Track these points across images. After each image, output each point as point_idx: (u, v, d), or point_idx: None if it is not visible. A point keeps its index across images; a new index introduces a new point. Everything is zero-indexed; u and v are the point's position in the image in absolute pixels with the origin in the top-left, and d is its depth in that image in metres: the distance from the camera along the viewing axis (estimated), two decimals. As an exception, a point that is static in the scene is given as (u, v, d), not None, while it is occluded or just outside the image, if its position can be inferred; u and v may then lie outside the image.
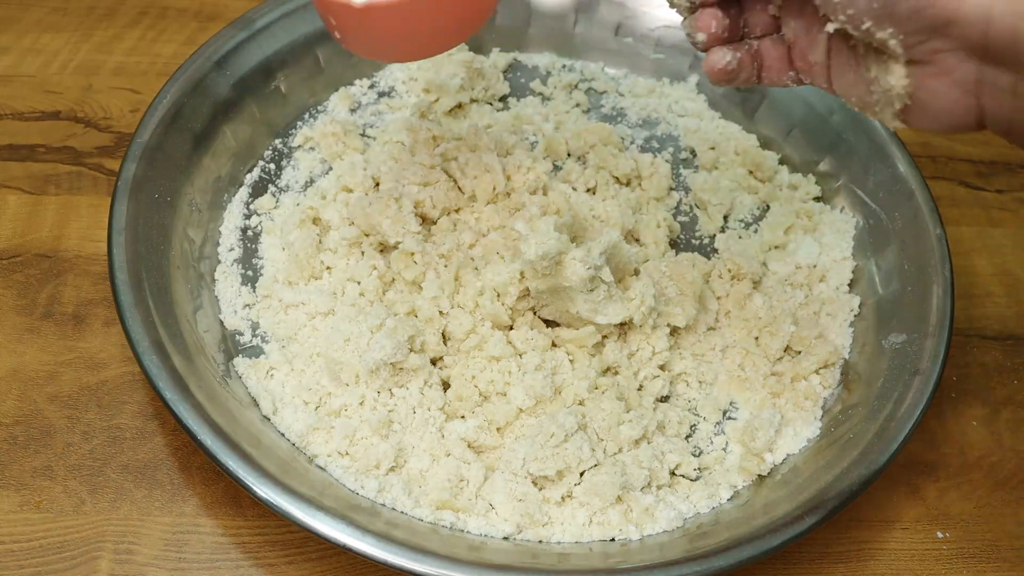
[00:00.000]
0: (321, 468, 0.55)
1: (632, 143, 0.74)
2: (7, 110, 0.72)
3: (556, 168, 0.71)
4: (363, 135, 0.72)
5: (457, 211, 0.65)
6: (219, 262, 0.64)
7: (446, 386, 0.59)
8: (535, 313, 0.61)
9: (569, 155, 0.72)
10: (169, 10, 0.80)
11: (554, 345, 0.60)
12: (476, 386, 0.58)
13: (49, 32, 0.77)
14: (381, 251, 0.63)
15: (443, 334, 0.60)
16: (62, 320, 0.62)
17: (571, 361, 0.60)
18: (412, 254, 0.61)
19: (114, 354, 0.61)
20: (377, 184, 0.66)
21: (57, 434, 0.57)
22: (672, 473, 0.57)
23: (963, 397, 0.65)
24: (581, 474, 0.55)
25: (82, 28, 0.78)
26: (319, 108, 0.73)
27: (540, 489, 0.55)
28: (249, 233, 0.66)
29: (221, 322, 0.61)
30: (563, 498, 0.55)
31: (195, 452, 0.57)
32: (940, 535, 0.59)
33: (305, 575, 0.54)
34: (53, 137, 0.71)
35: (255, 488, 0.50)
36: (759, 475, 0.58)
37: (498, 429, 0.57)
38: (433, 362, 0.59)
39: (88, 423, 0.58)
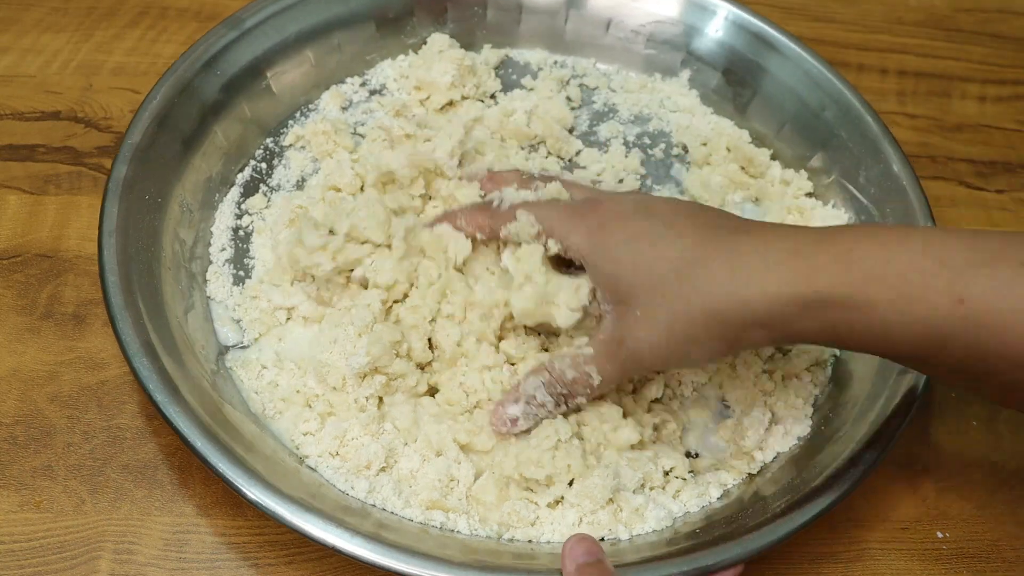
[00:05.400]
0: (312, 469, 0.55)
1: (623, 141, 0.74)
2: (7, 110, 0.72)
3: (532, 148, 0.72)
4: (354, 133, 0.71)
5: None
6: (211, 262, 0.64)
7: (435, 391, 0.59)
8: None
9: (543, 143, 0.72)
10: (169, 10, 0.80)
11: (545, 349, 0.60)
12: (465, 392, 0.58)
13: (49, 32, 0.77)
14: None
15: (429, 341, 0.59)
16: (62, 320, 0.62)
17: None
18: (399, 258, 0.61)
19: (114, 354, 0.61)
20: (364, 185, 0.66)
21: (57, 434, 0.57)
22: (665, 474, 0.57)
23: (963, 397, 0.65)
24: (571, 483, 0.55)
25: (82, 28, 0.78)
26: (310, 107, 0.73)
27: (530, 491, 0.55)
28: (240, 233, 0.66)
29: (212, 322, 0.61)
30: (553, 503, 0.55)
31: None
32: (940, 535, 0.59)
33: (304, 575, 0.54)
34: (53, 137, 0.71)
35: (244, 490, 0.50)
36: (749, 474, 0.58)
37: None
38: (422, 367, 0.59)
39: (88, 423, 0.58)
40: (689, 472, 0.58)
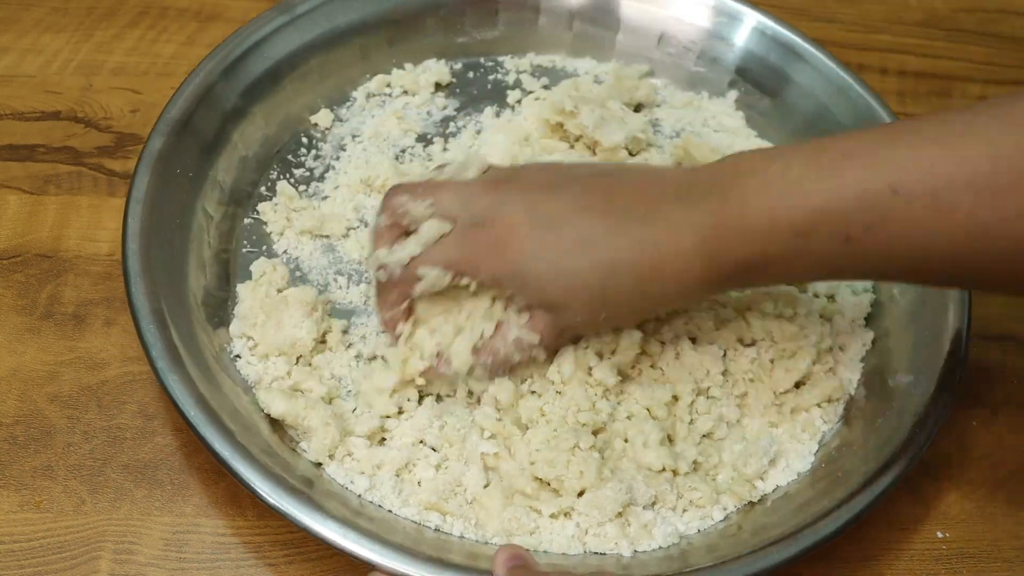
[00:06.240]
0: (304, 451, 0.55)
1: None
2: (7, 110, 0.72)
3: None
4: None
5: None
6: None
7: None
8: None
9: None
10: (169, 10, 0.80)
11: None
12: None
13: (49, 32, 0.77)
14: None
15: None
16: (62, 320, 0.62)
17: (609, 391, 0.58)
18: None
19: (114, 354, 0.61)
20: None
21: (57, 434, 0.57)
22: (682, 498, 0.56)
23: (963, 397, 0.65)
24: (580, 494, 0.54)
25: (82, 28, 0.78)
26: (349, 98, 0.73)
27: (535, 500, 0.54)
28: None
29: (227, 301, 0.61)
30: (557, 514, 0.54)
31: (195, 452, 0.57)
32: (940, 535, 0.59)
33: (305, 575, 0.54)
34: (53, 137, 0.71)
35: (231, 462, 0.50)
36: (750, 501, 0.57)
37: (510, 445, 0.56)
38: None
39: (88, 423, 0.58)
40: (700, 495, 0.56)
